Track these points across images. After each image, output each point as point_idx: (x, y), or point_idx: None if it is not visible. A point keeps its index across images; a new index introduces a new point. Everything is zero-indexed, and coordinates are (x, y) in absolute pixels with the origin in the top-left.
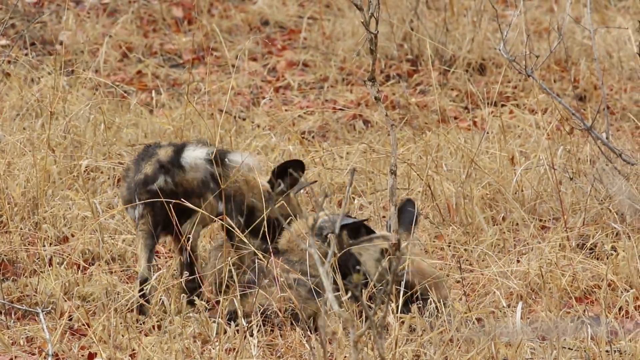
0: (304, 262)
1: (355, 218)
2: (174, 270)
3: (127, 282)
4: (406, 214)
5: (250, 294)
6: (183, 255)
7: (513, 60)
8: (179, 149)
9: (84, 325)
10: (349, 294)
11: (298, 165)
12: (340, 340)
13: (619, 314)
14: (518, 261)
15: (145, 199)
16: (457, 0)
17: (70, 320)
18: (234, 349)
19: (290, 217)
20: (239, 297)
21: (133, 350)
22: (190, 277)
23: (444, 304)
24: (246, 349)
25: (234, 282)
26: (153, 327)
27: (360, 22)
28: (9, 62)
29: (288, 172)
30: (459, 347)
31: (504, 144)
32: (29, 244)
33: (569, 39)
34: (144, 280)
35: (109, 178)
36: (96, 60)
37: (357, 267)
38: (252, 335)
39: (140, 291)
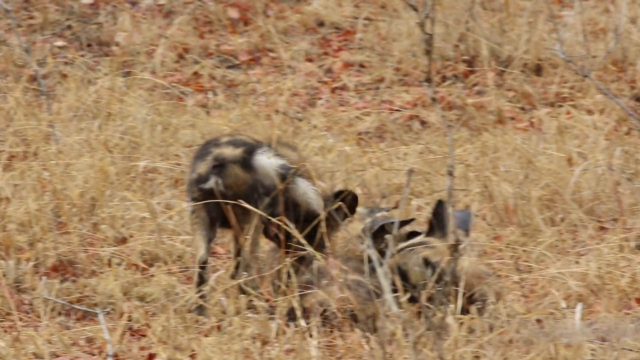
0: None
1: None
2: (232, 271)
3: (186, 283)
4: (442, 215)
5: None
6: (241, 256)
7: (569, 61)
8: (249, 150)
9: (143, 325)
10: (408, 295)
11: (350, 196)
12: (400, 341)
13: None
14: (577, 262)
15: (198, 196)
16: (513, 1)
17: (130, 320)
18: (294, 349)
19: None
20: (297, 298)
21: (193, 350)
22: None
23: (497, 301)
24: (305, 350)
25: (292, 282)
26: (212, 327)
27: (415, 23)
28: (65, 63)
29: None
30: (519, 349)
31: (561, 144)
32: (87, 245)
33: (626, 39)
34: (204, 263)
35: (166, 179)
36: (152, 62)
37: (416, 268)
38: (311, 336)
39: (199, 284)
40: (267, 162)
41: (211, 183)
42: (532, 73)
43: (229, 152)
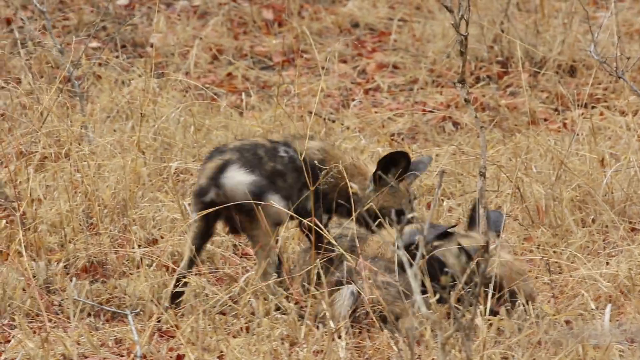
0: (388, 269)
1: (441, 225)
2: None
3: (216, 284)
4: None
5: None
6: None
7: (604, 62)
8: (222, 167)
9: (172, 326)
10: (437, 296)
11: (403, 157)
12: (428, 343)
13: None
14: (607, 263)
15: (199, 208)
16: (548, 2)
17: (159, 322)
18: (322, 350)
19: (395, 209)
20: (327, 300)
21: (221, 352)
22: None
23: (531, 302)
24: (334, 351)
25: (323, 283)
26: (241, 328)
27: (450, 24)
28: (100, 64)
29: (393, 162)
30: (547, 350)
31: (594, 145)
32: (118, 246)
33: None
34: (182, 276)
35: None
36: (186, 63)
37: (445, 269)
38: (340, 337)
39: (176, 285)
40: (233, 180)
41: (211, 195)
42: (566, 74)
43: (211, 165)
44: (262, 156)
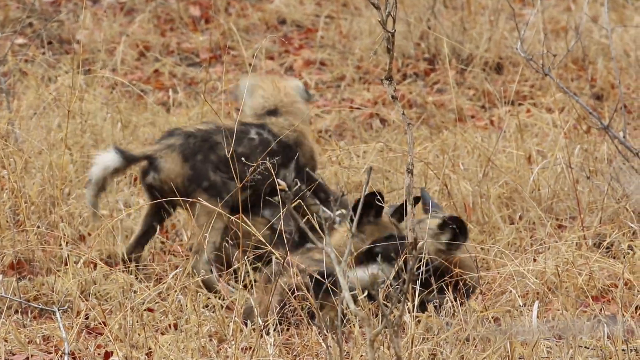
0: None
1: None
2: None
3: (144, 281)
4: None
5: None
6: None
7: (530, 59)
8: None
9: (100, 324)
10: (366, 293)
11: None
12: (357, 339)
13: (636, 313)
14: (534, 260)
15: (146, 189)
16: None
17: (87, 319)
18: (250, 347)
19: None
20: (254, 296)
21: (149, 349)
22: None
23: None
24: (262, 348)
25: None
26: (169, 325)
27: (377, 21)
28: (26, 60)
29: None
30: (475, 346)
31: (521, 143)
32: (45, 243)
33: (586, 37)
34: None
35: (125, 177)
36: (113, 59)
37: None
38: (268, 334)
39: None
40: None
41: (149, 178)
42: (493, 71)
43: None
44: (219, 142)
